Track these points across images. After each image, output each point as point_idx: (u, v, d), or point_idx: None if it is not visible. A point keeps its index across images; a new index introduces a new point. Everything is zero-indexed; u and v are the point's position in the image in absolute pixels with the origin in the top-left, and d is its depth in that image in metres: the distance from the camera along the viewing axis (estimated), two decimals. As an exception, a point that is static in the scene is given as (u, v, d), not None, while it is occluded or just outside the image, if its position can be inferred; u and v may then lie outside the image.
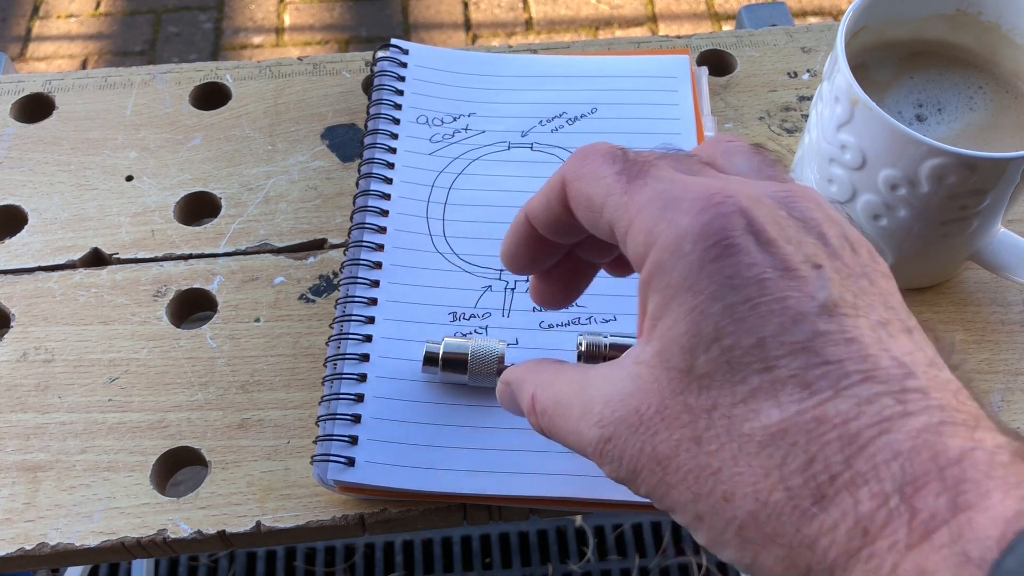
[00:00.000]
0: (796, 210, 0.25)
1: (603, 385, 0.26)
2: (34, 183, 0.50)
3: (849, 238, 0.25)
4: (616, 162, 0.27)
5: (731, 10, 1.67)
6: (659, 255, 0.24)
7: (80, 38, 1.63)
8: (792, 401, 0.22)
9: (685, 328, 0.24)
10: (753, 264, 0.24)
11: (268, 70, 0.55)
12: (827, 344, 0.23)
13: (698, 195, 0.24)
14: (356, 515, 0.39)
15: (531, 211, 0.30)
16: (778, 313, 0.23)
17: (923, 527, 0.21)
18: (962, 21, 0.44)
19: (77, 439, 0.41)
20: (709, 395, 0.23)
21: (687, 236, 0.24)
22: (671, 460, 0.24)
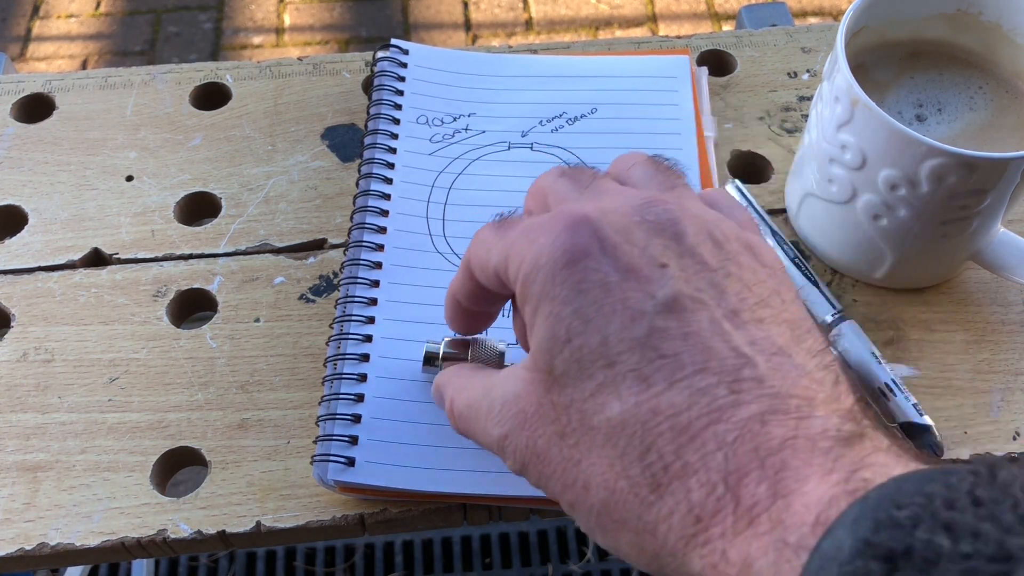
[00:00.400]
0: (651, 214, 0.27)
1: (502, 388, 0.29)
2: (34, 183, 0.50)
3: (714, 235, 0.27)
4: (493, 224, 0.31)
5: (731, 10, 1.67)
6: (525, 271, 0.27)
7: (80, 38, 1.63)
8: (631, 394, 0.24)
9: (545, 332, 0.26)
10: (597, 268, 0.26)
11: (268, 70, 0.55)
12: (664, 339, 0.25)
13: (555, 219, 0.27)
14: (356, 515, 0.39)
15: (453, 290, 0.34)
16: (620, 312, 0.25)
17: (747, 515, 0.22)
18: (962, 21, 0.44)
19: (77, 439, 0.41)
20: (566, 392, 0.26)
21: (543, 252, 0.27)
22: (546, 453, 0.27)
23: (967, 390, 0.43)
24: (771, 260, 0.28)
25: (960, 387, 0.43)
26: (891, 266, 0.44)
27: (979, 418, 0.42)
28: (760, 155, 0.51)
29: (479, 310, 0.34)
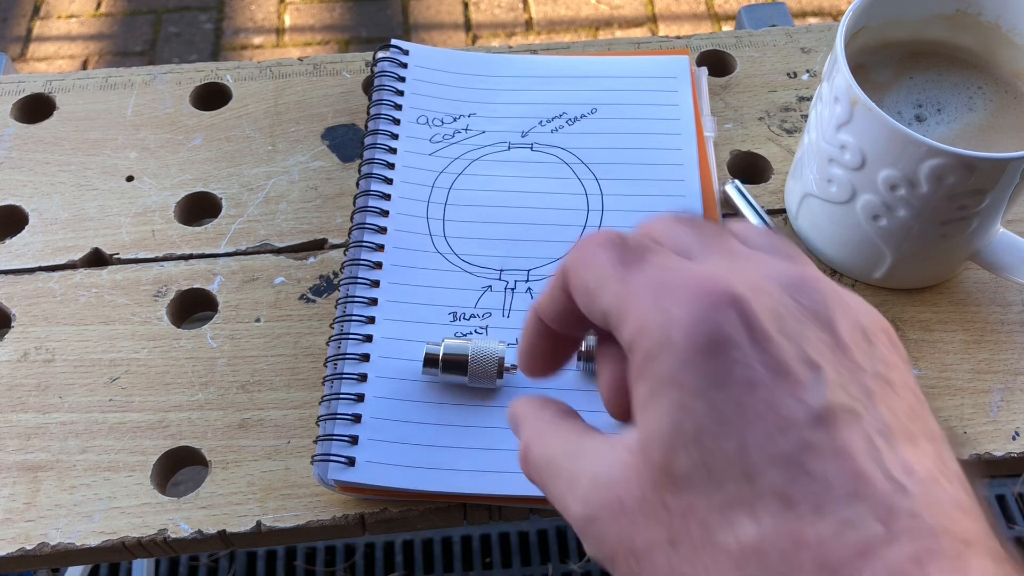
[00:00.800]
0: (804, 297, 0.24)
1: (593, 462, 0.26)
2: (35, 183, 0.50)
3: (864, 327, 0.24)
4: (613, 248, 0.26)
5: (731, 10, 1.67)
6: (648, 344, 0.23)
7: (80, 38, 1.64)
8: (770, 516, 0.21)
9: (667, 423, 0.23)
10: (743, 363, 0.22)
11: (268, 70, 0.55)
12: (814, 457, 0.21)
13: (692, 284, 0.23)
14: (356, 515, 0.39)
15: (539, 306, 0.29)
16: (764, 418, 0.22)
17: None
18: (962, 22, 0.44)
19: (78, 439, 0.41)
20: (685, 497, 0.22)
21: (676, 326, 0.23)
22: (646, 556, 0.23)
23: (967, 390, 0.43)
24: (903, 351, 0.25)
25: (960, 387, 0.43)
26: (890, 266, 0.44)
27: (979, 418, 0.42)
28: (760, 155, 0.51)
29: (565, 334, 0.30)
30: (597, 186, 0.48)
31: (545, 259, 0.45)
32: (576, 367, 0.42)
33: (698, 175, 0.48)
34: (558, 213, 0.47)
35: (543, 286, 0.31)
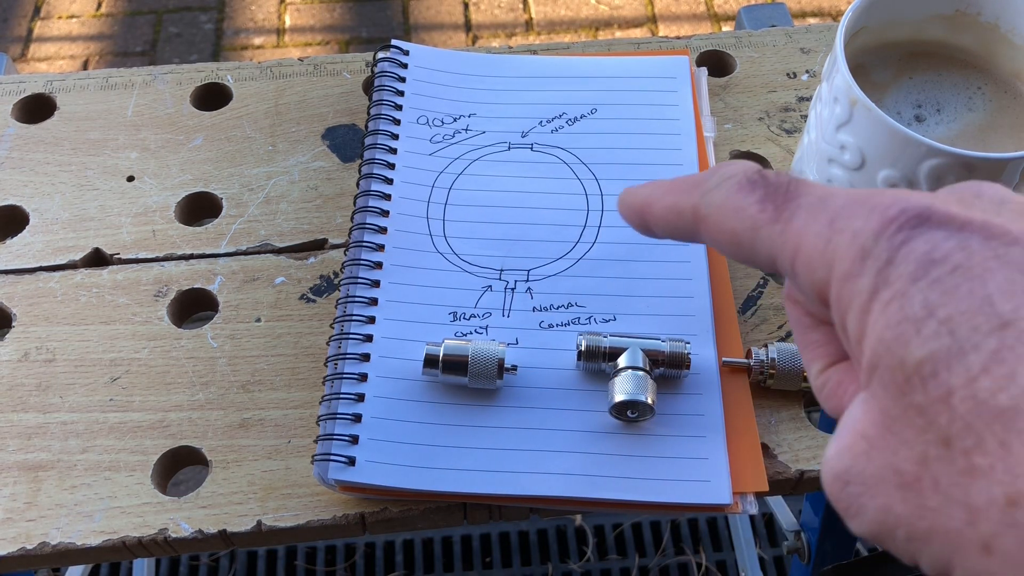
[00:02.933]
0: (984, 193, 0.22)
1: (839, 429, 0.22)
2: (35, 183, 0.50)
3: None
4: (756, 189, 0.24)
5: (731, 11, 1.67)
6: (842, 267, 0.21)
7: (81, 39, 1.64)
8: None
9: (887, 320, 0.20)
10: (950, 235, 0.20)
11: (269, 71, 0.55)
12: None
13: (860, 200, 0.22)
14: (356, 514, 0.39)
15: (652, 215, 0.27)
16: (997, 270, 0.19)
17: None
18: (961, 22, 0.44)
19: (78, 439, 0.41)
20: (938, 382, 0.19)
21: (866, 235, 0.21)
22: (922, 477, 0.19)
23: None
24: None
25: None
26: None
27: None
28: (759, 155, 0.51)
29: None
30: (597, 186, 0.48)
31: (545, 259, 0.45)
32: (576, 367, 0.42)
33: (698, 175, 0.48)
34: (558, 213, 0.47)
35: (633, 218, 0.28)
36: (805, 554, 0.73)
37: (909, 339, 0.19)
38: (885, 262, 0.20)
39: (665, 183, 0.27)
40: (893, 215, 0.21)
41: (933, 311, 0.19)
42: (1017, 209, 0.21)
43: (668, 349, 0.41)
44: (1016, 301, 0.18)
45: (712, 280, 0.44)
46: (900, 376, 0.19)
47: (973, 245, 0.20)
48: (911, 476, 0.19)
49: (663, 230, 0.27)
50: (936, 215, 0.20)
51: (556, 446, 0.39)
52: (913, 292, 0.19)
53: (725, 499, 0.38)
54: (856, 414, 0.21)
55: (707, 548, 1.05)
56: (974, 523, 0.18)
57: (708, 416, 0.40)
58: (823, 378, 0.26)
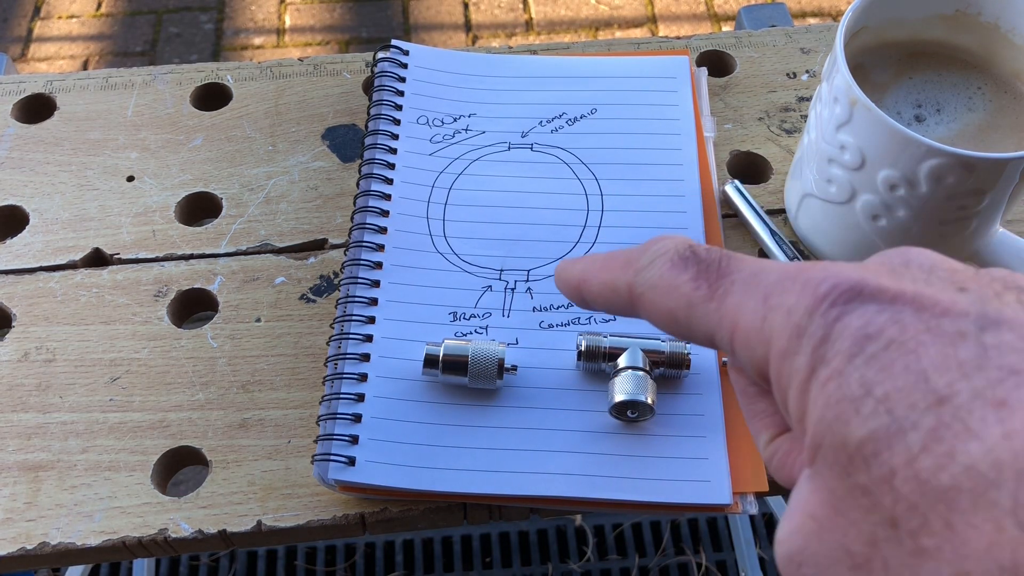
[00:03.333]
0: (912, 260, 0.22)
1: (787, 509, 0.22)
2: (35, 183, 0.50)
3: (989, 272, 0.22)
4: (688, 266, 0.24)
5: (731, 11, 1.67)
6: (779, 345, 0.21)
7: (81, 39, 1.64)
8: (991, 425, 0.18)
9: (827, 400, 0.20)
10: (882, 309, 0.20)
11: (269, 71, 0.55)
12: (1004, 353, 0.19)
13: (793, 275, 0.22)
14: (356, 514, 0.39)
15: (588, 291, 0.28)
16: (930, 343, 0.19)
17: None
18: (961, 22, 0.44)
19: (78, 439, 0.41)
20: (880, 461, 0.19)
21: (800, 311, 0.21)
22: (872, 559, 0.19)
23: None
24: None
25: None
26: (890, 266, 0.44)
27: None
28: (759, 155, 0.51)
29: None
30: (597, 186, 0.48)
31: (545, 259, 0.45)
32: (576, 367, 0.42)
33: (698, 175, 0.48)
34: (558, 213, 0.47)
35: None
36: (805, 554, 0.73)
37: (849, 419, 0.19)
38: (820, 339, 0.20)
39: (600, 258, 0.28)
40: (825, 291, 0.21)
41: (870, 389, 0.19)
42: (945, 277, 0.21)
43: (668, 349, 0.41)
44: (950, 376, 0.19)
45: (712, 280, 0.44)
46: (843, 456, 0.19)
47: (906, 319, 0.20)
48: (862, 557, 0.19)
49: (600, 306, 0.28)
50: (868, 288, 0.20)
51: (556, 446, 0.39)
52: (850, 370, 0.20)
53: (725, 499, 0.38)
54: (803, 493, 0.21)
55: (707, 548, 1.05)
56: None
57: (708, 416, 0.40)
58: (771, 448, 0.26)
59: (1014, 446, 0.17)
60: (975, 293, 0.20)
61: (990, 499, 0.17)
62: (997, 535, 0.17)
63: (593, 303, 0.28)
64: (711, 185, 0.48)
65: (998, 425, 0.18)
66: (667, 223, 0.46)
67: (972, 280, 0.21)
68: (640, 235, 0.46)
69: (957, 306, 0.20)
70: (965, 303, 0.20)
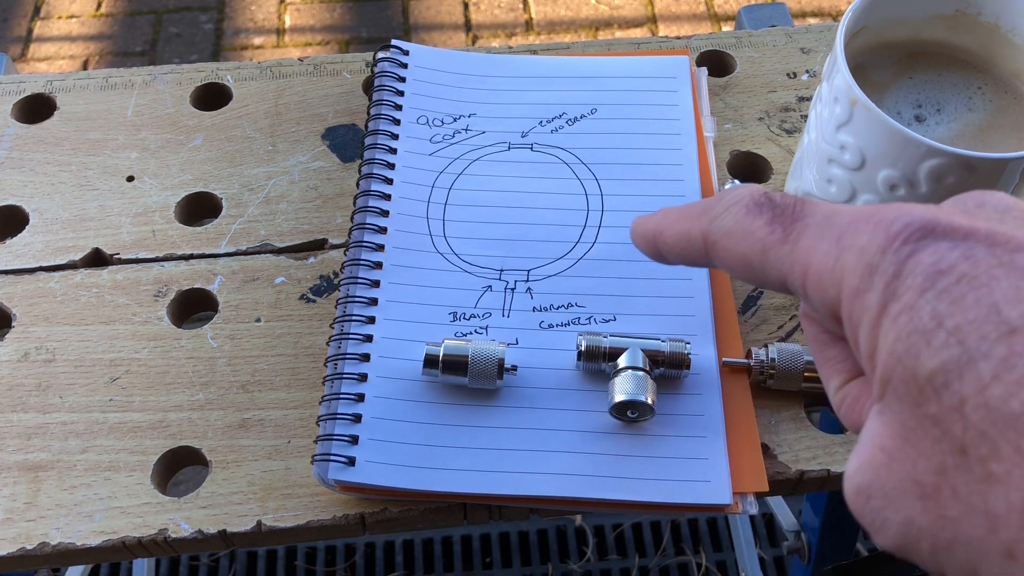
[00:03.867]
0: (987, 202, 0.22)
1: (858, 443, 0.22)
2: (35, 183, 0.50)
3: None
4: (763, 211, 0.25)
5: (731, 11, 1.67)
6: (851, 283, 0.21)
7: (81, 39, 1.64)
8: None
9: (898, 333, 0.20)
10: (954, 246, 0.20)
11: (269, 71, 0.55)
12: None
13: (865, 216, 0.22)
14: (356, 515, 0.39)
15: (664, 243, 0.28)
16: (1002, 277, 0.19)
17: None
18: (961, 22, 0.44)
19: (78, 439, 0.41)
20: (950, 391, 0.19)
21: (872, 250, 0.21)
22: (941, 487, 0.19)
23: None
24: None
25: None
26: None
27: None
28: (759, 155, 0.51)
29: None
30: (597, 186, 0.48)
31: (545, 259, 0.45)
32: (576, 367, 0.42)
33: (698, 175, 0.48)
34: (558, 213, 0.47)
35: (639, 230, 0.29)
36: (805, 554, 0.73)
37: (920, 351, 0.19)
38: (892, 276, 0.20)
39: (675, 211, 0.28)
40: (898, 230, 0.21)
41: (942, 322, 0.19)
42: (1020, 216, 0.22)
43: (668, 349, 0.41)
44: (1022, 308, 0.19)
45: (712, 280, 0.44)
46: (914, 388, 0.20)
47: (978, 254, 0.20)
48: (931, 487, 0.19)
49: (676, 257, 0.28)
50: (940, 226, 0.21)
51: (556, 446, 0.39)
52: (921, 304, 0.20)
53: (725, 499, 0.38)
54: (874, 428, 0.21)
55: (707, 548, 1.05)
56: (995, 530, 0.18)
57: (708, 416, 0.40)
58: (841, 394, 0.27)
59: None
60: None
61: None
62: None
63: (668, 254, 0.28)
64: (711, 185, 0.48)
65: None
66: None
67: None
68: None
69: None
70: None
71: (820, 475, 0.40)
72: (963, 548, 0.19)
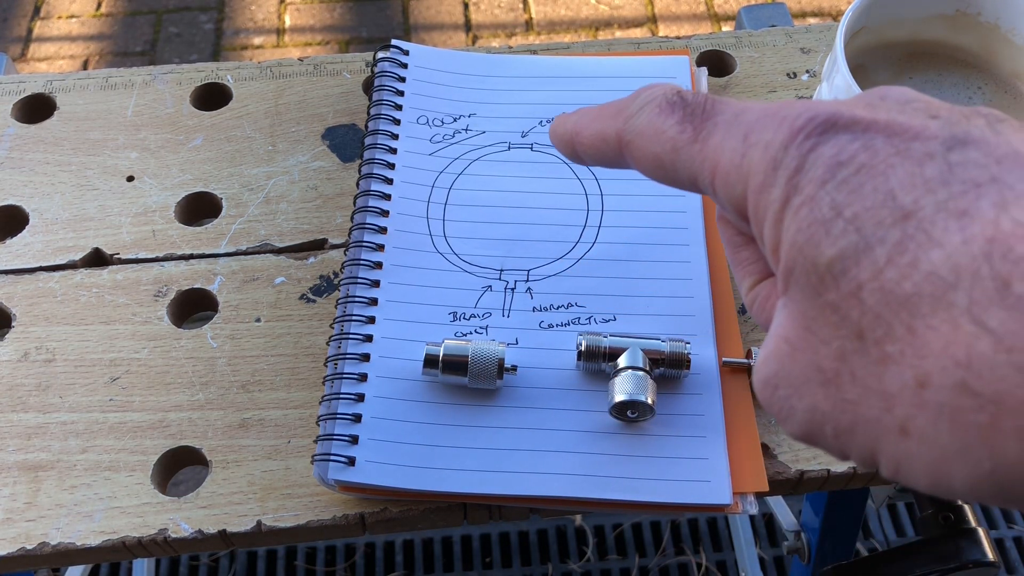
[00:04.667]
0: (889, 95, 0.22)
1: (766, 338, 0.23)
2: (35, 183, 0.50)
3: (962, 109, 0.22)
4: (675, 110, 0.24)
5: (731, 11, 1.67)
6: (756, 180, 0.22)
7: (81, 38, 1.64)
8: (952, 233, 0.18)
9: (799, 225, 0.20)
10: (855, 138, 0.20)
11: (269, 71, 0.55)
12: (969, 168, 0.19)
13: (772, 112, 0.22)
14: (356, 515, 0.39)
15: (580, 143, 0.28)
16: (899, 165, 0.20)
17: None
18: (961, 22, 0.44)
19: (78, 439, 0.41)
20: (848, 278, 0.19)
21: (776, 145, 0.21)
22: (841, 372, 0.20)
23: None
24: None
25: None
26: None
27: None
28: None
29: None
30: (597, 186, 0.48)
31: (545, 259, 0.45)
32: (576, 367, 0.42)
33: (698, 175, 0.48)
34: (558, 213, 0.47)
35: None
36: (805, 554, 0.73)
37: (819, 240, 0.20)
38: (795, 170, 0.21)
39: (592, 110, 0.28)
40: (801, 124, 0.21)
41: (840, 211, 0.20)
42: (920, 108, 0.22)
43: (668, 349, 0.41)
44: (916, 193, 0.19)
45: (712, 280, 0.44)
46: (814, 277, 0.20)
47: (877, 144, 0.20)
48: (831, 372, 0.20)
49: (591, 158, 0.28)
50: (842, 120, 0.21)
51: (556, 446, 0.39)
52: (821, 195, 0.20)
53: (725, 499, 0.38)
54: (779, 320, 0.22)
55: (707, 548, 1.05)
56: (890, 409, 0.19)
57: (708, 416, 0.40)
58: (753, 294, 0.27)
59: (971, 250, 0.18)
60: (945, 119, 0.21)
61: (948, 301, 0.18)
62: (953, 334, 0.17)
63: (584, 155, 0.28)
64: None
65: (959, 233, 0.18)
66: (667, 223, 0.46)
67: (944, 109, 0.21)
68: (640, 235, 0.46)
69: (927, 131, 0.20)
70: (935, 127, 0.20)
71: (820, 475, 0.40)
72: (862, 429, 0.19)
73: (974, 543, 0.46)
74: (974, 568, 0.44)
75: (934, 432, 0.18)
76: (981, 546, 0.45)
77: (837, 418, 0.20)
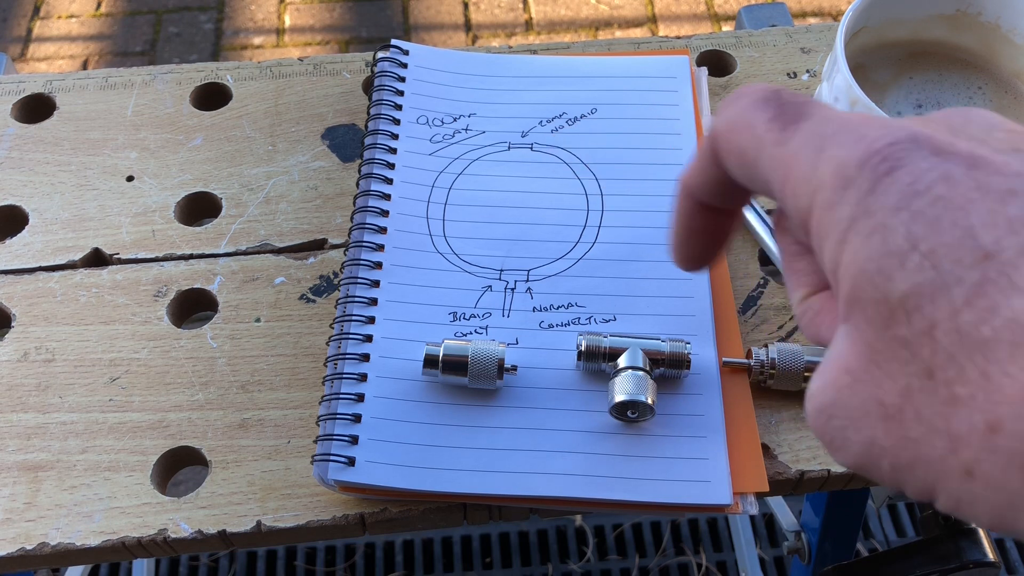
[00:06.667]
0: (973, 120, 0.22)
1: (823, 362, 0.22)
2: (35, 183, 0.50)
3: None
4: (769, 107, 0.23)
5: (731, 11, 1.67)
6: (824, 196, 0.21)
7: (81, 38, 1.64)
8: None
9: (869, 252, 0.20)
10: (933, 167, 0.20)
11: (269, 71, 0.55)
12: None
13: (851, 126, 0.21)
14: (356, 515, 0.39)
15: (687, 180, 0.27)
16: (979, 200, 0.19)
17: None
18: (961, 22, 0.44)
19: (78, 439, 0.41)
20: (922, 315, 0.19)
21: (849, 164, 0.20)
22: (905, 409, 0.19)
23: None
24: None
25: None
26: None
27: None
28: (760, 155, 0.51)
29: (721, 209, 0.27)
30: (597, 186, 0.48)
31: (545, 259, 0.45)
32: (576, 367, 0.42)
33: (698, 175, 0.48)
34: (558, 213, 0.47)
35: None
36: (805, 554, 0.73)
37: (892, 273, 0.19)
38: (866, 192, 0.20)
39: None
40: (878, 147, 0.20)
41: (916, 244, 0.19)
42: (1003, 138, 0.21)
43: (668, 349, 0.41)
44: (998, 232, 0.19)
45: (712, 280, 0.44)
46: (884, 309, 0.19)
47: (956, 175, 0.20)
48: (894, 408, 0.19)
49: (695, 181, 0.27)
50: (921, 145, 0.20)
51: (556, 446, 0.39)
52: (895, 224, 0.19)
53: (725, 499, 0.38)
54: (839, 348, 0.21)
55: (707, 548, 1.05)
56: (956, 451, 0.18)
57: (708, 416, 0.40)
58: (804, 306, 0.26)
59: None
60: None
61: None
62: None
63: (694, 187, 0.27)
64: (711, 185, 0.48)
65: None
66: (667, 223, 0.46)
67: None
68: (640, 235, 0.46)
69: (1009, 166, 0.20)
70: (1018, 164, 0.20)
71: (820, 475, 0.40)
72: (923, 467, 0.19)
73: (974, 543, 0.46)
74: (974, 568, 0.44)
75: (1003, 478, 0.18)
76: (981, 546, 0.45)
77: (897, 454, 0.20)
